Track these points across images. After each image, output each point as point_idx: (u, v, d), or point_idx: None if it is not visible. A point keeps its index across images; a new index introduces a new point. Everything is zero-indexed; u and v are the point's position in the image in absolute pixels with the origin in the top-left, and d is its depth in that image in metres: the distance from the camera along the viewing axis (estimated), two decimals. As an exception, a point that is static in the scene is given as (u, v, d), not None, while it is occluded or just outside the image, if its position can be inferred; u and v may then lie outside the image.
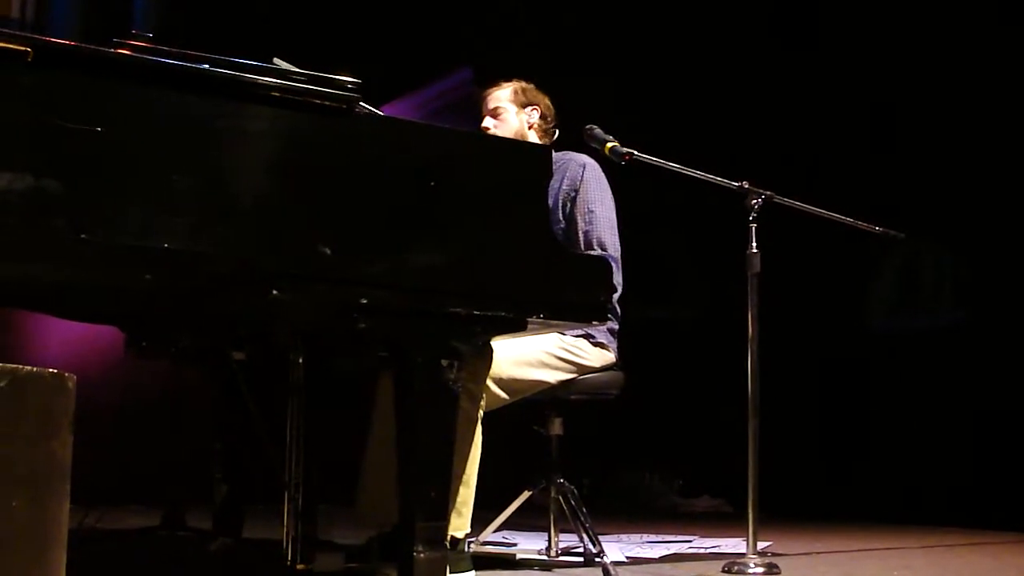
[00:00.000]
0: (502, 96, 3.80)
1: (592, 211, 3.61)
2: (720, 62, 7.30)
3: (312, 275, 2.39)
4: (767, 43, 7.21)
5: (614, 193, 3.73)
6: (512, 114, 3.78)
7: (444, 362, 2.59)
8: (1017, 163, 6.00)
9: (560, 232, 3.59)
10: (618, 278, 3.49)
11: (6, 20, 5.41)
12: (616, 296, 3.51)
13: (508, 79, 3.84)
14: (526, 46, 6.94)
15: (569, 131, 3.80)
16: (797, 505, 5.99)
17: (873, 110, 6.71)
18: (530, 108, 3.80)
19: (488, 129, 3.76)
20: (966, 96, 6.23)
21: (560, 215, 3.62)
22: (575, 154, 3.72)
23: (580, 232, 3.60)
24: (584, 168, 3.67)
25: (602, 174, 3.70)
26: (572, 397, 3.55)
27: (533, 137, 3.80)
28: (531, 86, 3.84)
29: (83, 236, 2.15)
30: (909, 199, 6.24)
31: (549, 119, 3.83)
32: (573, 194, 3.63)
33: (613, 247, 3.61)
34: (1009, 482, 5.72)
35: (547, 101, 3.84)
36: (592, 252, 3.54)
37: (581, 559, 3.71)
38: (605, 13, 7.26)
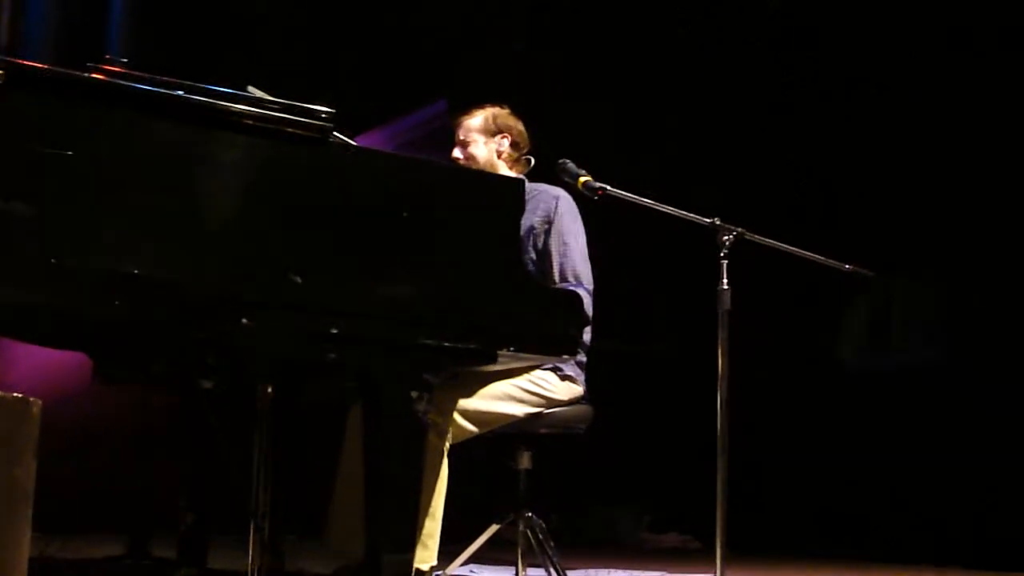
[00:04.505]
0: (472, 125, 3.74)
1: (567, 243, 3.59)
2: (692, 99, 7.35)
3: (282, 304, 2.39)
4: (738, 79, 7.26)
5: (586, 227, 3.73)
6: (481, 144, 3.71)
7: (413, 394, 2.58)
8: (993, 196, 6.05)
9: (531, 264, 3.57)
10: (590, 310, 3.49)
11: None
12: (587, 329, 3.52)
13: (481, 105, 3.78)
14: (502, 81, 6.96)
15: (542, 165, 3.79)
16: (766, 542, 5.98)
17: (845, 146, 6.77)
18: (500, 136, 3.73)
19: (458, 159, 3.71)
20: (939, 130, 6.28)
21: (531, 247, 3.59)
22: (548, 186, 3.68)
23: (555, 264, 3.56)
24: (558, 200, 3.64)
25: (575, 206, 3.67)
26: (541, 431, 3.53)
27: (503, 167, 3.74)
28: (505, 111, 3.78)
29: (52, 260, 2.14)
30: (882, 236, 6.29)
31: (521, 146, 3.77)
32: (547, 226, 3.60)
33: (588, 279, 3.59)
34: (983, 521, 5.74)
35: (520, 127, 3.78)
36: (568, 284, 3.51)
37: (548, 594, 3.68)
38: (580, 48, 7.30)
